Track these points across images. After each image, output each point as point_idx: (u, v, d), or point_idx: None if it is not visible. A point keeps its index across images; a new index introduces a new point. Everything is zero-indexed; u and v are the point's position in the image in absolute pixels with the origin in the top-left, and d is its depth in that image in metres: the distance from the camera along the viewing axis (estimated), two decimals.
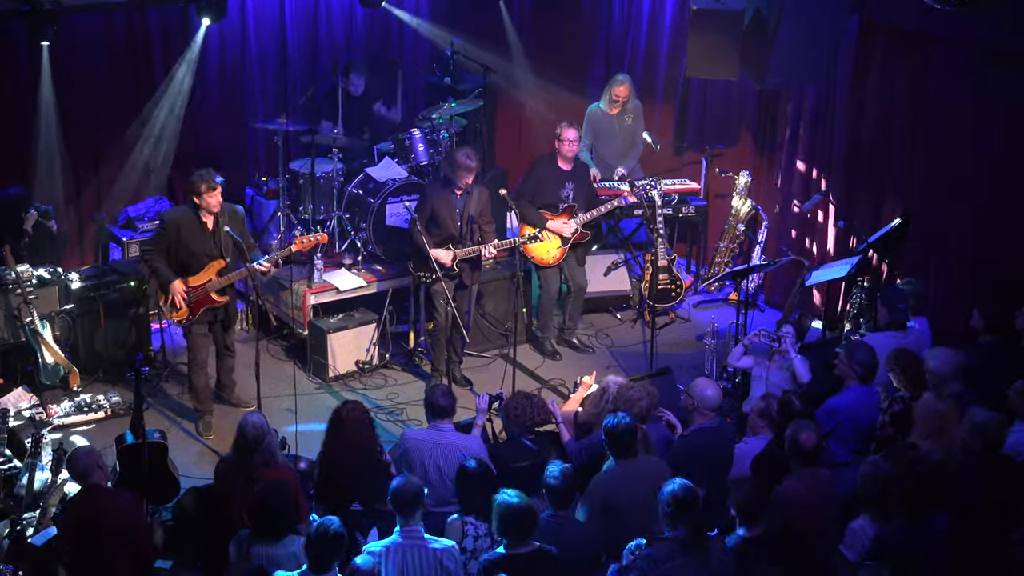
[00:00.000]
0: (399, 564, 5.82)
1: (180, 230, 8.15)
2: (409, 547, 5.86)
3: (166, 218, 8.32)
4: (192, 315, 8.27)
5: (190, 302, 8.20)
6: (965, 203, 8.76)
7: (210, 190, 8.07)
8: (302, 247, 8.49)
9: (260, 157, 11.02)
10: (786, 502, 6.14)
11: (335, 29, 11.07)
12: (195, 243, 8.17)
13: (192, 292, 8.18)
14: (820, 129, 10.10)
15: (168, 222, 8.24)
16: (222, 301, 8.31)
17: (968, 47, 8.51)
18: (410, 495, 5.93)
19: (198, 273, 8.21)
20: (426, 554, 5.84)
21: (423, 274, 8.84)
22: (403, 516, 5.95)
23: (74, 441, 8.13)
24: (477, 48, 11.03)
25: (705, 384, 7.09)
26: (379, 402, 9.11)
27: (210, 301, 8.27)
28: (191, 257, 8.19)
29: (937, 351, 7.15)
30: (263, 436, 6.55)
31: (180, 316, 8.26)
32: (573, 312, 9.96)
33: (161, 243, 8.25)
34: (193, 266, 8.21)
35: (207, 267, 8.20)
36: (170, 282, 8.15)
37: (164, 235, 8.23)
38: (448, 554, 5.87)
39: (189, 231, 8.15)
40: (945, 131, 8.90)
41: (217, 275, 8.20)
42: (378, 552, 5.84)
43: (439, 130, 10.29)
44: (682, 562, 5.61)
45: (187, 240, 8.15)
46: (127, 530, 6.12)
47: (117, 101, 10.11)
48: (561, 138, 9.34)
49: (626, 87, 10.40)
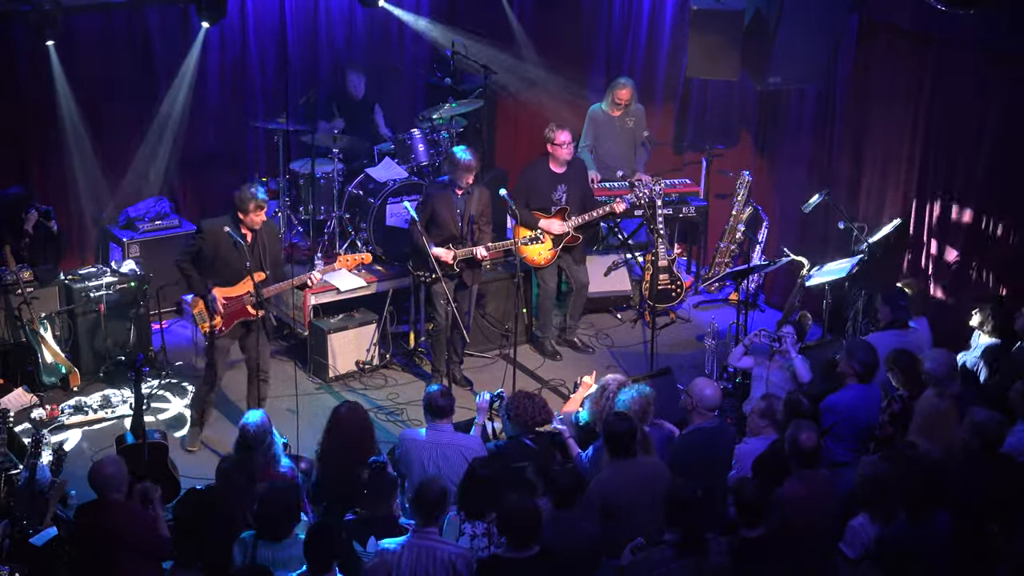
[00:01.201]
0: (412, 565, 5.74)
1: (219, 241, 7.92)
2: (424, 548, 5.76)
3: (205, 227, 8.04)
4: (224, 327, 8.04)
5: (223, 313, 7.98)
6: (965, 203, 8.76)
7: (258, 208, 7.87)
8: (347, 266, 8.47)
9: (260, 157, 11.02)
10: (786, 502, 6.15)
11: (335, 29, 11.08)
12: (233, 256, 7.92)
13: (227, 304, 7.97)
14: (820, 129, 10.10)
15: (207, 231, 7.98)
16: (256, 315, 8.03)
17: (968, 47, 8.52)
18: (435, 496, 5.82)
19: (235, 284, 7.99)
20: (441, 555, 5.74)
21: (423, 274, 8.84)
22: (422, 516, 5.82)
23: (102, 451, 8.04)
24: (477, 48, 11.04)
25: (704, 384, 7.08)
26: (379, 402, 9.11)
27: (245, 313, 8.02)
28: (228, 269, 7.95)
29: (933, 353, 7.18)
30: (265, 436, 6.56)
31: (214, 325, 8.01)
32: (574, 311, 9.96)
33: (193, 249, 8.01)
34: (230, 278, 7.97)
35: (245, 279, 7.94)
36: (202, 290, 7.95)
37: (200, 243, 7.98)
38: (463, 559, 5.76)
39: (228, 244, 7.91)
40: (945, 131, 8.90)
41: (255, 288, 7.90)
42: (392, 550, 5.78)
43: (439, 130, 10.29)
44: (681, 564, 5.59)
45: (226, 252, 7.92)
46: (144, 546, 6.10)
47: (117, 101, 10.10)
48: (554, 141, 9.33)
49: (628, 90, 10.39)
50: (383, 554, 5.80)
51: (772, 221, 10.59)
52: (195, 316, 8.12)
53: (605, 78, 11.45)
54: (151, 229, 10.07)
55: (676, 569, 5.58)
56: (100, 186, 10.24)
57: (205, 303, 8.01)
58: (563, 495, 6.06)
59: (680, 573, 5.58)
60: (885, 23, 9.27)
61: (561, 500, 6.06)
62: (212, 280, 7.98)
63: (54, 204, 9.66)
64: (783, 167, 10.62)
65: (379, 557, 5.80)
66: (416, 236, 8.70)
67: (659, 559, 5.61)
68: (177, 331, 9.75)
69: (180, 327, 9.91)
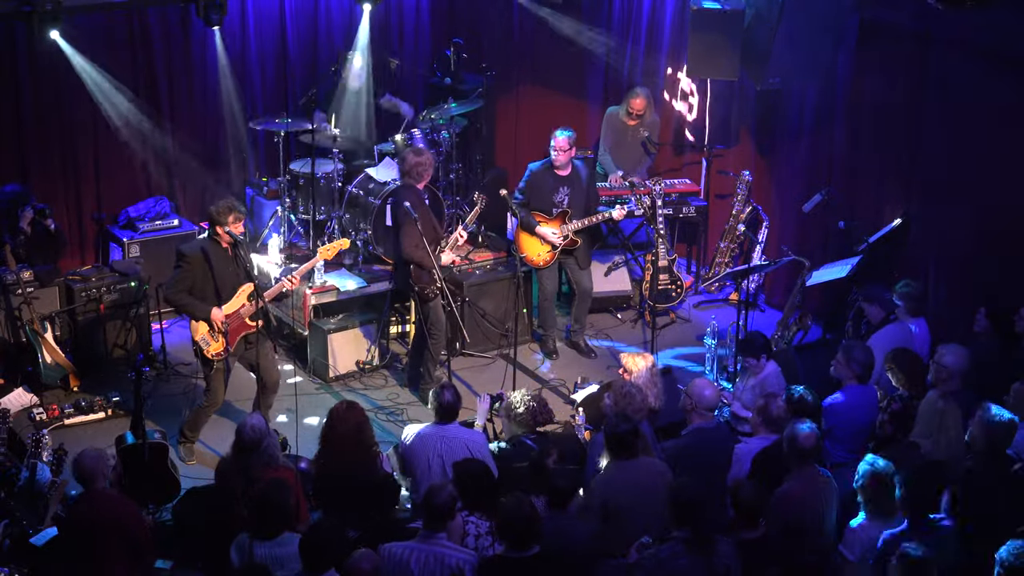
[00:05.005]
0: (420, 569, 5.72)
1: (209, 262, 7.80)
2: (432, 553, 5.73)
3: (187, 253, 7.85)
4: (229, 346, 7.95)
5: (225, 332, 7.89)
6: (965, 203, 8.76)
7: (237, 220, 7.78)
8: (327, 256, 8.42)
9: (260, 157, 11.02)
10: (786, 502, 6.15)
11: (335, 29, 11.08)
12: (223, 271, 7.83)
13: (226, 321, 7.85)
14: (820, 129, 10.10)
15: (191, 258, 7.81)
16: (256, 326, 7.93)
17: (968, 47, 8.51)
18: (444, 501, 5.77)
19: (229, 300, 7.87)
20: (449, 561, 5.71)
21: (426, 286, 8.66)
22: (430, 521, 5.79)
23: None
24: (477, 48, 11.03)
25: (704, 384, 7.09)
26: (379, 402, 9.11)
27: (245, 327, 7.93)
28: (221, 286, 7.85)
29: (951, 347, 7.09)
30: (261, 439, 6.54)
31: (217, 349, 7.89)
32: (579, 315, 9.93)
33: (186, 280, 7.82)
34: (223, 295, 7.86)
35: (238, 293, 7.87)
36: (208, 312, 7.80)
37: (189, 272, 7.81)
38: (470, 564, 5.73)
39: (218, 262, 7.82)
40: (945, 131, 8.90)
41: (248, 299, 7.84)
42: (398, 554, 5.76)
43: (440, 130, 10.29)
44: (687, 562, 5.60)
45: (218, 270, 7.81)
46: (127, 535, 6.09)
47: (117, 100, 10.10)
48: (553, 146, 9.33)
49: (642, 100, 10.37)
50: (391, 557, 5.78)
51: (772, 221, 10.59)
52: (198, 342, 7.92)
53: (604, 78, 11.47)
54: (151, 229, 10.07)
55: (685, 566, 5.59)
56: (100, 185, 10.25)
57: (209, 325, 7.87)
58: (559, 495, 6.05)
59: (689, 570, 5.59)
60: (885, 23, 9.26)
61: (556, 500, 6.06)
62: (209, 303, 7.86)
63: (53, 203, 9.66)
64: (783, 167, 10.62)
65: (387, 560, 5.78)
66: (423, 254, 8.46)
67: (668, 556, 5.62)
68: (177, 331, 9.74)
69: (180, 327, 9.89)
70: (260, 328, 7.96)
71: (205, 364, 8.04)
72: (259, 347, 8.03)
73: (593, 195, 9.71)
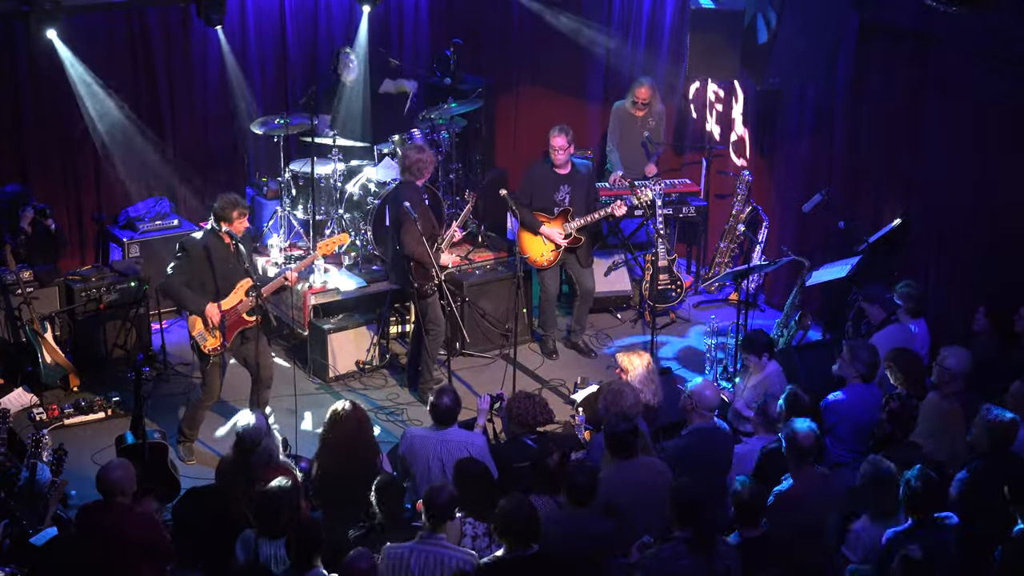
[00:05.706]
0: (420, 569, 5.71)
1: (210, 256, 7.82)
2: (432, 553, 5.73)
3: (189, 246, 7.89)
4: (226, 341, 7.96)
5: (223, 327, 7.91)
6: (965, 203, 8.76)
7: (242, 216, 7.81)
8: (327, 251, 8.41)
9: (260, 157, 11.02)
10: (786, 502, 6.14)
11: (335, 29, 11.08)
12: (224, 267, 7.85)
13: (224, 316, 7.87)
14: (820, 129, 10.10)
15: (192, 250, 7.85)
16: (253, 321, 7.94)
17: (968, 47, 8.51)
18: (445, 502, 5.77)
19: (227, 296, 7.90)
20: (449, 562, 5.71)
21: (425, 282, 8.70)
22: (431, 522, 5.78)
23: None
24: (477, 48, 11.03)
25: (704, 385, 7.09)
26: (379, 402, 9.11)
27: (243, 323, 7.94)
28: (220, 281, 7.86)
29: (953, 350, 7.10)
30: (260, 439, 6.54)
31: (214, 344, 7.93)
32: (580, 315, 9.93)
33: (184, 271, 7.86)
34: (221, 290, 7.88)
35: (236, 288, 7.89)
36: (203, 307, 7.84)
37: (188, 263, 7.85)
38: (471, 565, 5.72)
39: (219, 256, 7.84)
40: (945, 131, 8.90)
41: (247, 294, 7.85)
42: (398, 554, 5.76)
43: (439, 130, 10.29)
44: (688, 562, 5.60)
45: (218, 265, 7.83)
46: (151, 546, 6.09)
47: (117, 100, 10.10)
48: (551, 145, 9.32)
49: (646, 89, 10.33)
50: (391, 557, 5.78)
51: (772, 221, 10.59)
52: (195, 337, 7.93)
53: (604, 78, 11.46)
54: (151, 229, 10.06)
55: (686, 566, 5.59)
56: (100, 185, 10.25)
57: (204, 321, 7.89)
58: (580, 492, 6.00)
59: (691, 569, 5.59)
60: (885, 23, 9.26)
61: (578, 497, 6.00)
62: (206, 297, 7.87)
63: (53, 203, 9.67)
64: (783, 167, 10.62)
65: (387, 560, 5.78)
66: (422, 251, 8.46)
67: (669, 556, 5.62)
68: (177, 331, 9.73)
69: (180, 327, 9.89)
70: (257, 324, 7.97)
71: (202, 359, 8.07)
72: (257, 343, 8.03)
73: (593, 193, 9.72)
